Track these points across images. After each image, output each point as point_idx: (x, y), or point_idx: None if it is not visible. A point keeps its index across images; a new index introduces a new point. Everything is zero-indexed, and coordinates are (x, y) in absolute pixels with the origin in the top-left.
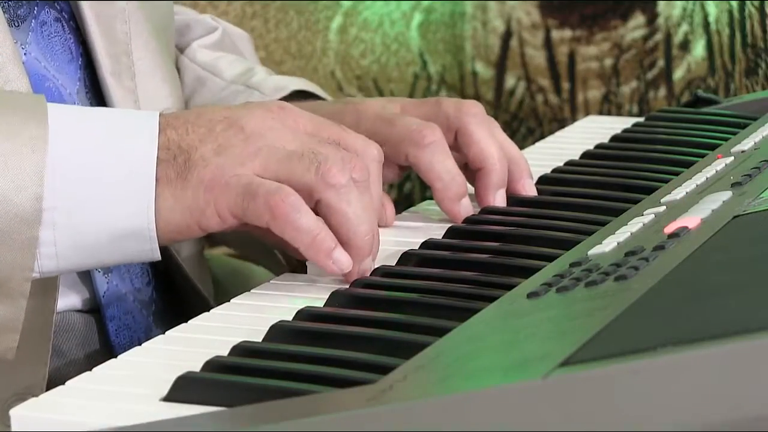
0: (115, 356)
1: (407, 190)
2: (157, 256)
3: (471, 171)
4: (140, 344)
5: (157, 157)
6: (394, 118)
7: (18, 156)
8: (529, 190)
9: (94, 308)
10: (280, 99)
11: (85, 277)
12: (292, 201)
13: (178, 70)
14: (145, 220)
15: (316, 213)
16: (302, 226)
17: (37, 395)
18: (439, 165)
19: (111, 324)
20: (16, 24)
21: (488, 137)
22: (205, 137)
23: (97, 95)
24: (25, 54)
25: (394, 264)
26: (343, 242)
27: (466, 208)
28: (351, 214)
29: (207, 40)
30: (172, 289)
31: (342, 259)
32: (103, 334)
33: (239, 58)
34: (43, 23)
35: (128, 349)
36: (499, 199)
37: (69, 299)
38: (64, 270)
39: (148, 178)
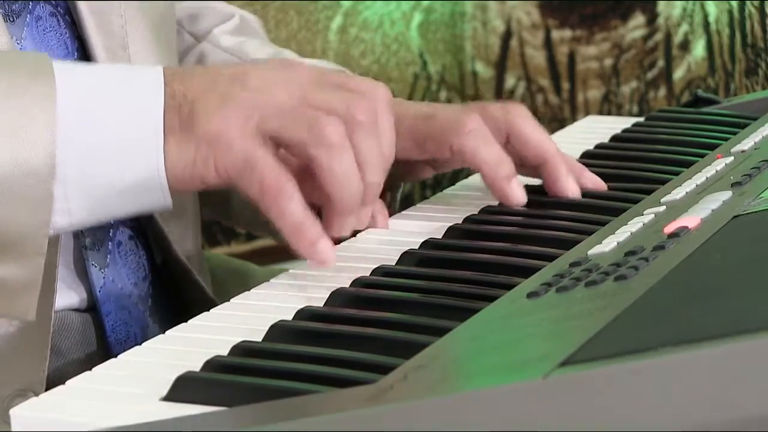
0: (112, 353)
1: (407, 190)
2: (169, 203)
3: (533, 168)
4: (136, 340)
5: (164, 105)
6: (432, 113)
7: (27, 113)
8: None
9: (91, 307)
10: None
11: (82, 274)
12: (285, 185)
13: (200, 57)
14: (155, 169)
15: (310, 171)
16: (287, 211)
17: (37, 393)
18: (483, 149)
19: (107, 319)
20: (11, 19)
21: (541, 133)
22: (209, 88)
23: None
24: (20, 49)
25: (394, 264)
26: (329, 200)
27: (518, 188)
28: (339, 173)
29: (227, 26)
30: (170, 285)
31: (326, 251)
32: (101, 332)
33: (264, 42)
34: (38, 18)
35: (124, 346)
36: (573, 186)
37: (66, 298)
38: (76, 226)
39: (156, 128)
